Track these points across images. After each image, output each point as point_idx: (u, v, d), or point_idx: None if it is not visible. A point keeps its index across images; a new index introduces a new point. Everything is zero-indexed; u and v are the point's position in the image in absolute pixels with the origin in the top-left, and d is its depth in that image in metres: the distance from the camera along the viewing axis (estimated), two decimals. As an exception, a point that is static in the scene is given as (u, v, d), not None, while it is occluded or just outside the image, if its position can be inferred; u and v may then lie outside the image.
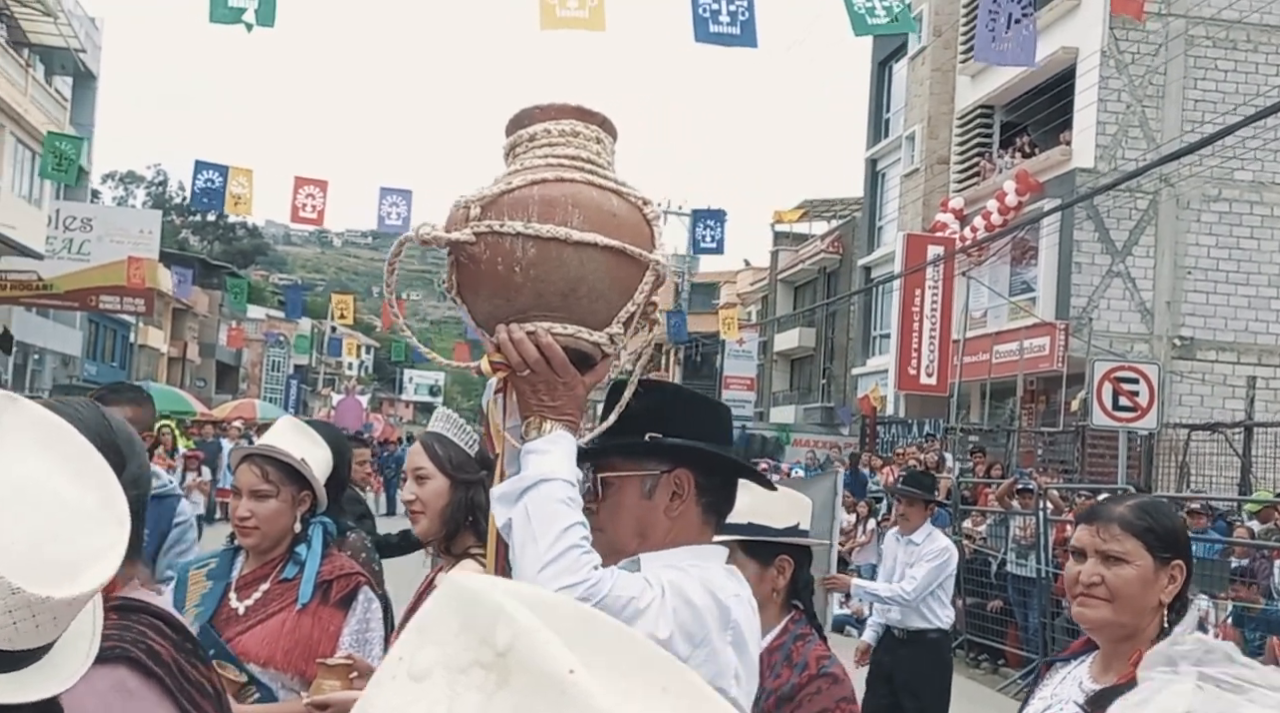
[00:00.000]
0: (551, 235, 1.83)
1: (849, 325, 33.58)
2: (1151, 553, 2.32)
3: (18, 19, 30.42)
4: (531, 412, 1.93)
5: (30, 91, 29.31)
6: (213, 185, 15.14)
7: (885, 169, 32.54)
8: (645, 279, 1.94)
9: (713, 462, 2.07)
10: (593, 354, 1.95)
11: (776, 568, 2.66)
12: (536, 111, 1.97)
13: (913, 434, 23.49)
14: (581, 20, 8.40)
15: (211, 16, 8.56)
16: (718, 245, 15.98)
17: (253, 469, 3.12)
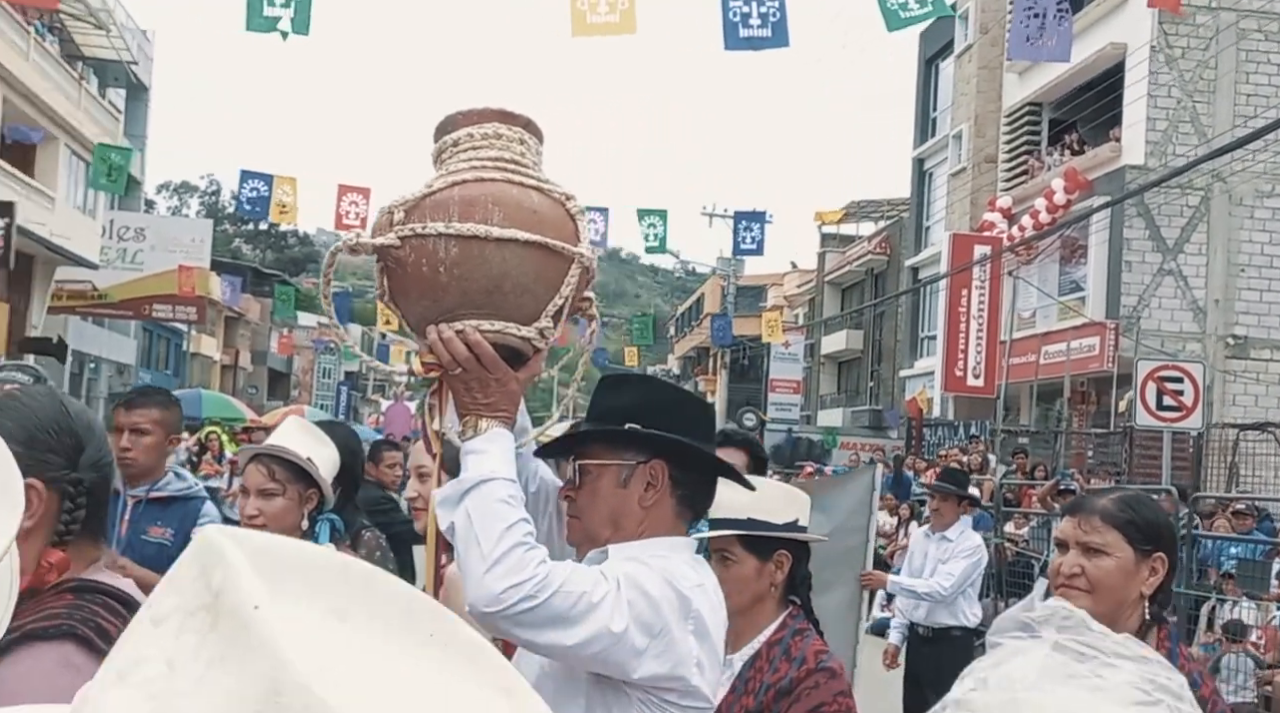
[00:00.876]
0: (472, 233, 1.85)
1: (896, 327, 33.36)
2: (1132, 545, 2.35)
3: (71, 33, 31.01)
4: (467, 411, 1.95)
5: (84, 104, 29.86)
6: (259, 194, 15.33)
7: (932, 168, 32.30)
8: (571, 272, 1.95)
9: (688, 456, 2.11)
10: (523, 349, 1.97)
11: (775, 563, 2.66)
12: (460, 117, 2.00)
13: (959, 436, 23.26)
14: (612, 25, 8.39)
15: (248, 25, 8.66)
16: (758, 247, 15.90)
17: (260, 469, 3.18)
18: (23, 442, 1.53)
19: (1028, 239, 23.09)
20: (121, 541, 3.97)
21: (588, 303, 2.12)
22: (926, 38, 32.33)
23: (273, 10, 8.69)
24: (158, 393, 4.40)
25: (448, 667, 0.68)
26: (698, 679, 1.95)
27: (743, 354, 41.42)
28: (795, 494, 2.84)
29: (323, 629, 0.65)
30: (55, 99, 27.84)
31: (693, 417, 2.16)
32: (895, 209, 37.96)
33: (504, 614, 1.82)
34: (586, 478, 2.08)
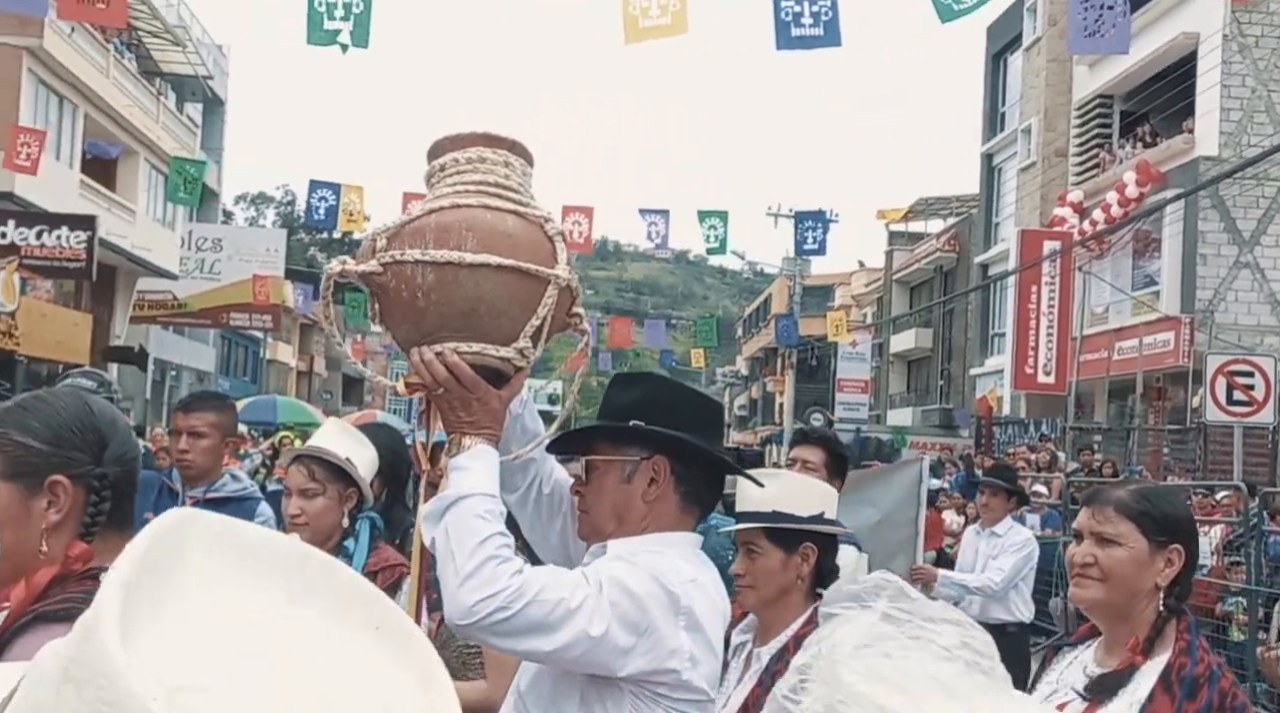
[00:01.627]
0: (446, 260, 1.92)
1: (966, 325, 32.98)
2: (1146, 536, 2.35)
3: (149, 50, 31.80)
4: (452, 429, 2.03)
5: (162, 119, 30.63)
6: (327, 203, 15.65)
7: (1002, 164, 31.89)
8: (547, 294, 2.01)
9: (690, 452, 2.16)
10: (503, 369, 2.04)
11: (800, 555, 2.69)
12: (446, 142, 2.07)
13: (1029, 435, 22.96)
14: (664, 28, 8.45)
15: (309, 39, 8.87)
16: (820, 247, 15.88)
17: (301, 469, 3.29)
18: (49, 440, 1.65)
19: (1098, 233, 22.72)
20: None
21: (577, 318, 2.17)
22: (993, 32, 31.95)
23: (333, 24, 8.90)
24: (214, 397, 4.55)
25: (380, 653, 0.75)
26: (690, 673, 2.01)
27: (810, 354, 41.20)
28: (821, 487, 2.86)
29: (275, 610, 0.73)
30: (134, 114, 28.60)
31: (698, 414, 2.22)
32: (964, 205, 37.52)
33: (478, 626, 1.90)
34: (593, 474, 2.16)
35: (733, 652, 2.73)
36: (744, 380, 68.69)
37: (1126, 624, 2.34)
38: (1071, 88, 27.32)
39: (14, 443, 1.65)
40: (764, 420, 56.83)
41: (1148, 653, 2.30)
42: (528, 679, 2.16)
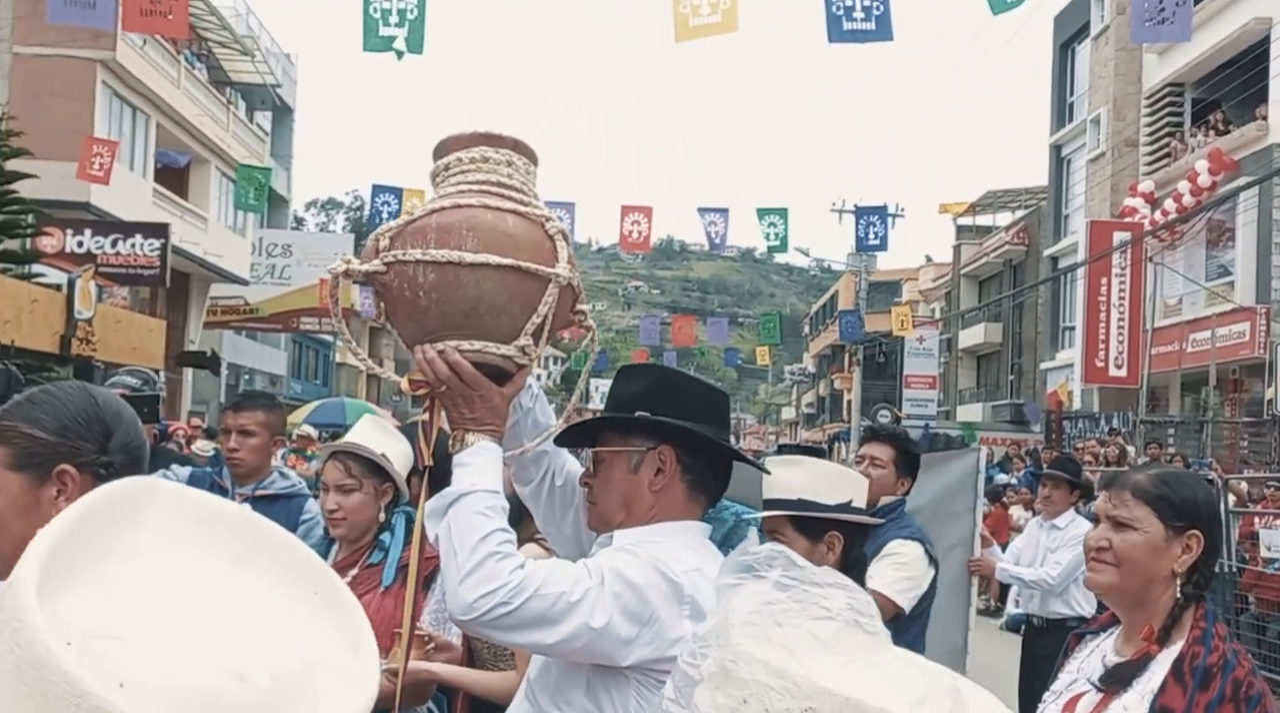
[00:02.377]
0: (447, 259, 1.95)
1: (1037, 319, 32.50)
2: (1163, 521, 2.31)
3: (219, 60, 32.42)
4: (456, 425, 2.06)
5: (232, 127, 31.20)
6: (390, 207, 15.85)
7: (1070, 155, 31.37)
8: (548, 292, 2.03)
9: (696, 441, 2.18)
10: (505, 367, 2.06)
11: (826, 544, 2.66)
12: (450, 142, 2.10)
13: (1100, 429, 22.57)
14: (715, 25, 8.47)
15: (365, 46, 9.03)
16: (881, 242, 15.75)
17: (338, 465, 3.35)
18: (55, 431, 1.73)
19: (1170, 223, 22.27)
20: None
21: (580, 316, 2.20)
22: (1061, 21, 31.44)
23: (388, 30, 9.04)
24: (262, 397, 4.65)
25: (316, 616, 0.80)
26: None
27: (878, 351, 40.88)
28: (850, 476, 2.82)
29: (220, 572, 0.78)
30: (205, 124, 29.18)
31: (703, 404, 2.23)
32: (1033, 198, 36.98)
33: (480, 621, 1.92)
34: (601, 465, 2.19)
35: None
36: (811, 378, 68.30)
37: (1143, 611, 2.31)
38: (1141, 76, 26.80)
39: (22, 435, 1.72)
40: (831, 418, 56.47)
41: (1164, 642, 2.26)
42: (536, 669, 2.19)
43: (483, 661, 3.29)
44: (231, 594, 0.78)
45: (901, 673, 0.89)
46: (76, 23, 9.83)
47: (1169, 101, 25.61)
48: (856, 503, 2.73)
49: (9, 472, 1.71)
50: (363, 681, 0.79)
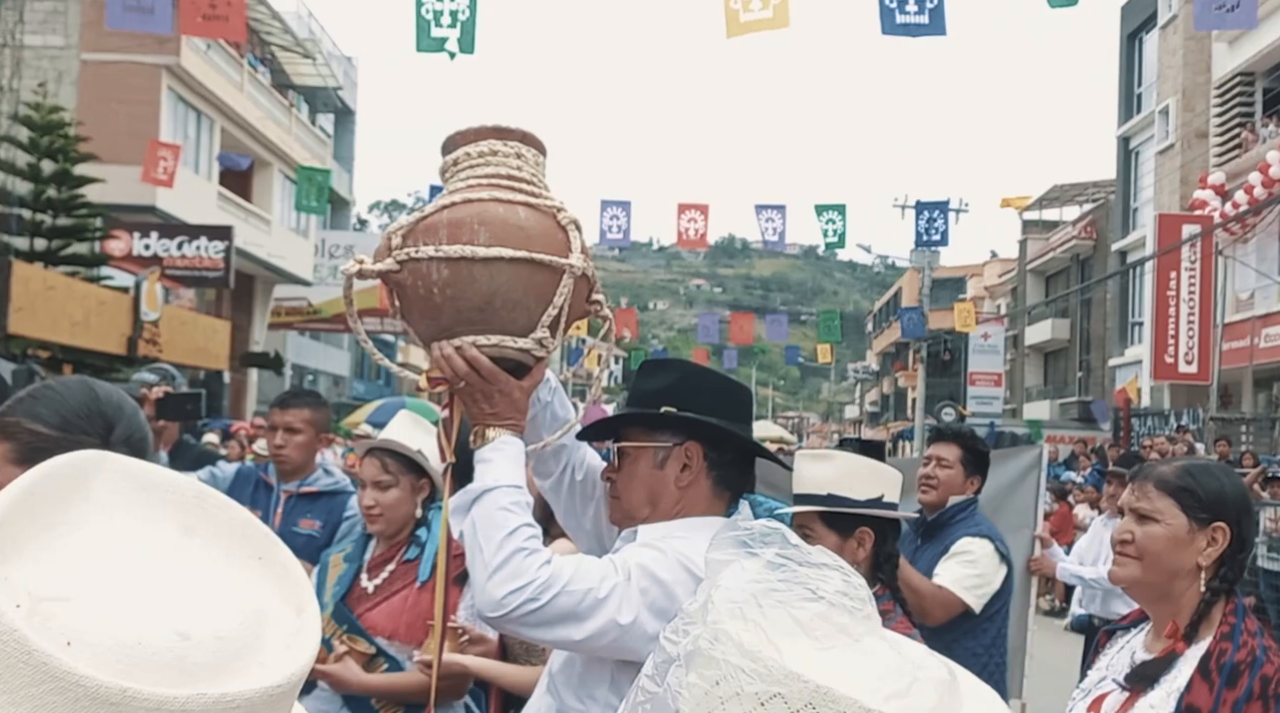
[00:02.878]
0: (459, 255, 1.92)
1: (1105, 314, 31.93)
2: (1187, 513, 2.25)
3: (281, 64, 32.86)
4: (476, 421, 2.04)
5: (294, 130, 31.61)
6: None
7: (1139, 147, 30.77)
8: (563, 283, 1.99)
9: (722, 437, 2.17)
10: (523, 360, 2.03)
11: (856, 540, 2.62)
12: (458, 136, 2.07)
13: (1169, 426, 22.10)
14: (766, 21, 8.36)
15: (418, 47, 9.03)
16: (942, 237, 15.53)
17: (374, 462, 3.36)
18: (57, 426, 1.73)
19: (1241, 215, 21.74)
20: (275, 531, 4.24)
21: (596, 306, 2.16)
22: (1128, 11, 30.85)
23: (440, 31, 9.04)
24: (308, 395, 4.70)
25: (261, 580, 0.83)
26: None
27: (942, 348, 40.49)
28: (882, 470, 2.75)
29: (168, 539, 0.81)
30: (268, 127, 29.58)
31: (727, 399, 2.21)
32: (1101, 191, 36.35)
33: (508, 618, 1.91)
34: (625, 460, 2.16)
35: None
36: (875, 376, 67.77)
37: (1168, 606, 2.24)
38: (1210, 66, 26.20)
39: (25, 430, 1.74)
40: (895, 416, 55.99)
41: (1191, 638, 2.19)
42: (559, 662, 2.17)
43: (515, 655, 3.28)
44: (178, 560, 0.81)
45: (885, 662, 0.84)
46: (135, 28, 9.95)
47: (1239, 91, 25.01)
48: (888, 498, 2.66)
49: (12, 466, 1.71)
50: (305, 639, 0.82)
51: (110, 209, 21.96)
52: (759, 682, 0.80)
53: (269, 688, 0.76)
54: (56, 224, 20.61)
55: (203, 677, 0.74)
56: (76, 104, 24.00)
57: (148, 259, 22.73)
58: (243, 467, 4.86)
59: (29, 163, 20.10)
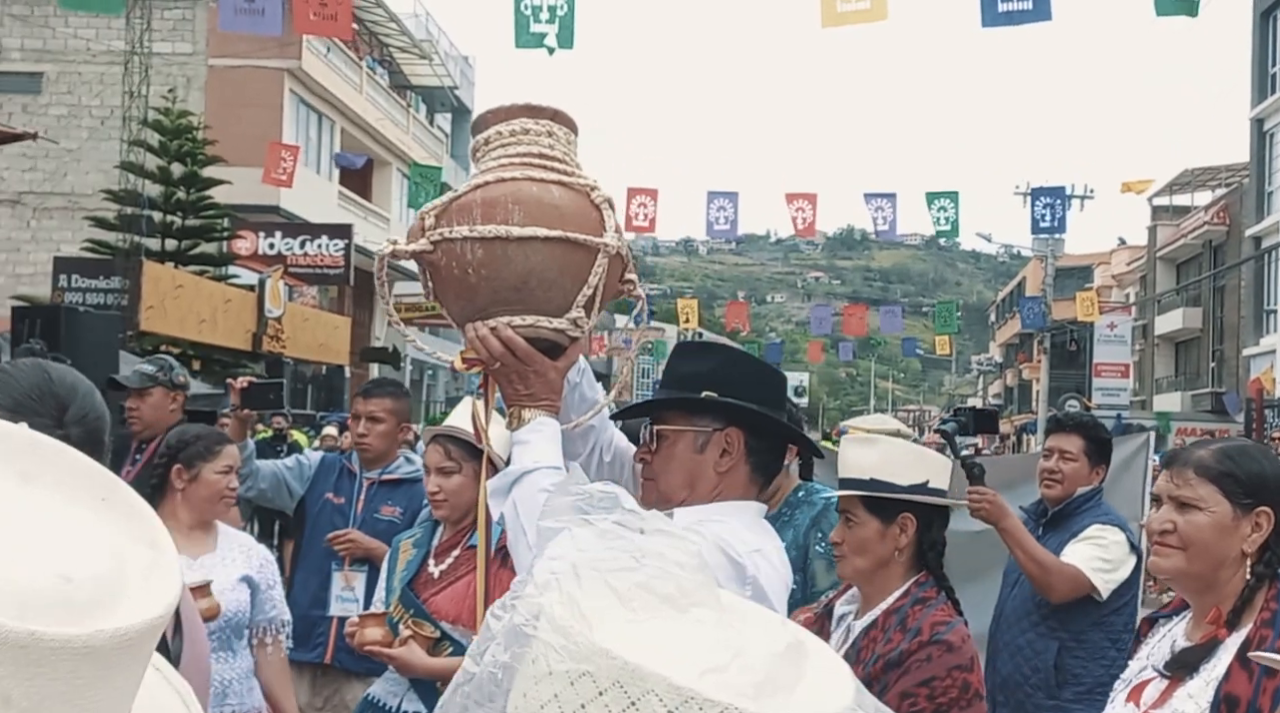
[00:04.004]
0: (494, 235, 1.90)
1: (1239, 303, 30.70)
2: (1230, 499, 2.14)
3: (400, 64, 33.55)
4: (512, 402, 2.03)
5: (412, 130, 32.25)
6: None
7: (1273, 129, 29.49)
8: (597, 262, 1.97)
9: (762, 424, 2.16)
10: (558, 340, 2.01)
11: (899, 526, 2.53)
12: (489, 115, 2.06)
13: (1307, 419, 21.16)
14: (863, 13, 8.23)
15: (516, 43, 9.15)
16: (1059, 224, 15.11)
17: (438, 448, 3.41)
18: (10, 408, 1.74)
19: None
20: (357, 518, 4.38)
21: (630, 285, 2.14)
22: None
23: (539, 27, 9.13)
24: (391, 385, 4.80)
25: (112, 520, 0.83)
26: None
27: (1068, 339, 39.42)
28: (928, 456, 2.68)
29: (7, 487, 0.82)
30: (386, 127, 30.24)
31: (764, 385, 2.20)
32: (1234, 175, 34.93)
33: None
34: (663, 443, 2.14)
35: (836, 622, 2.63)
36: (998, 368, 66.33)
37: (1212, 595, 2.13)
38: (1353, 40, 24.96)
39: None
40: (1020, 409, 54.70)
41: (1233, 625, 2.08)
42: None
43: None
44: (26, 506, 0.81)
45: (709, 635, 0.79)
46: (246, 30, 10.29)
47: (1384, 66, 23.78)
48: (934, 484, 2.58)
49: None
50: (166, 572, 0.83)
51: (236, 210, 22.70)
52: (568, 660, 0.76)
53: (152, 620, 0.77)
54: (185, 225, 21.38)
55: (91, 615, 0.75)
56: (204, 109, 24.86)
57: (272, 258, 23.41)
58: (327, 455, 5.00)
59: (159, 166, 20.89)
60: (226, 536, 3.54)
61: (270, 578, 3.54)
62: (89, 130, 25.30)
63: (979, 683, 2.38)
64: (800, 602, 3.07)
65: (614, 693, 0.75)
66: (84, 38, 25.21)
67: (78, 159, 25.12)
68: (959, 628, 2.42)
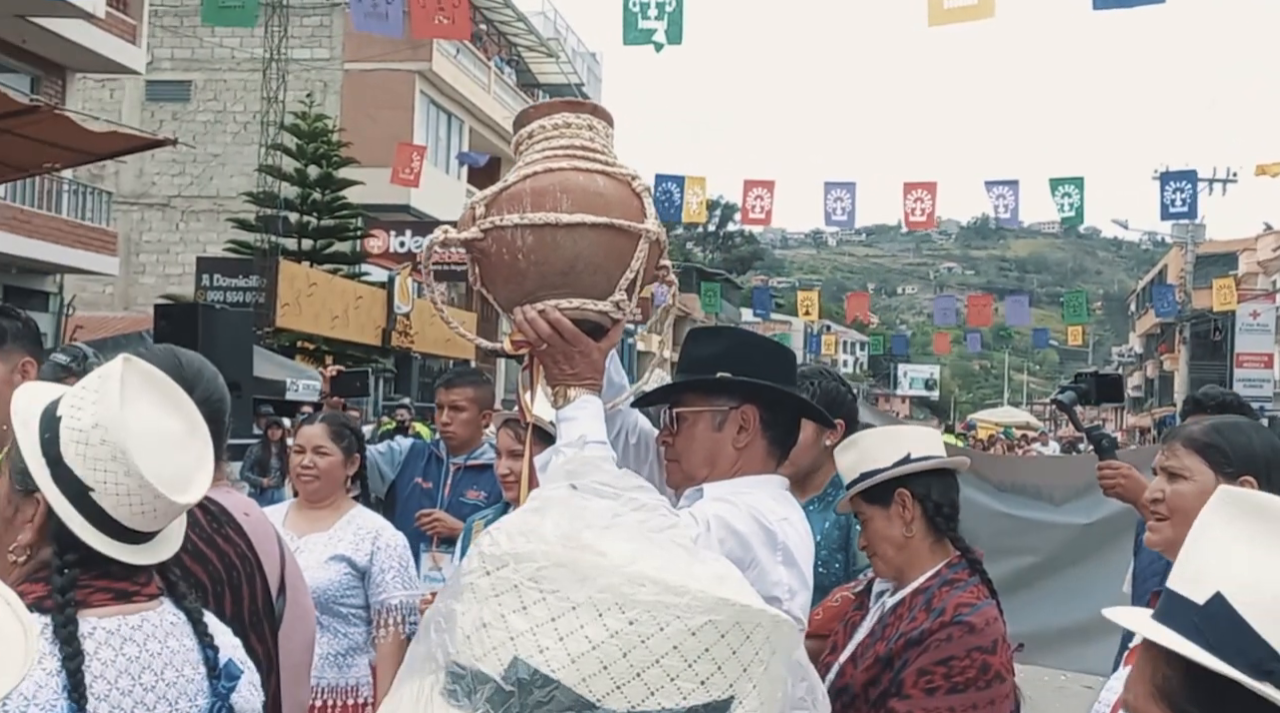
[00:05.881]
0: (544, 222, 2.03)
1: (1395, 289, 29.19)
2: (1215, 469, 2.24)
3: (527, 63, 34.13)
4: (557, 382, 2.15)
5: (538, 128, 32.79)
6: (671, 196, 16.25)
7: None
8: (639, 247, 2.09)
9: (777, 399, 2.25)
10: (602, 322, 2.13)
11: (898, 504, 2.54)
12: (532, 111, 2.19)
13: None
14: (970, 10, 8.19)
15: (625, 40, 9.33)
16: (1189, 209, 14.66)
17: (509, 432, 3.57)
18: None
19: None
20: (444, 500, 4.58)
21: (664, 271, 2.26)
22: None
23: (647, 23, 9.29)
24: (472, 374, 5.00)
25: None
26: (789, 603, 2.10)
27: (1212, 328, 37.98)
28: (905, 433, 2.70)
29: None
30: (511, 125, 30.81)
31: (775, 363, 2.30)
32: (1391, 155, 33.16)
33: None
34: (683, 424, 2.24)
35: (874, 599, 2.69)
36: (1138, 359, 64.17)
37: None
38: None
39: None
40: (1161, 401, 52.87)
41: None
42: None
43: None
44: None
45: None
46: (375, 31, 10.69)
47: None
48: (916, 454, 2.58)
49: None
50: None
51: (369, 209, 23.44)
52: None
53: None
54: (320, 225, 22.18)
55: None
56: (340, 111, 25.72)
57: (402, 256, 24.10)
58: (416, 442, 5.23)
59: (296, 169, 21.71)
60: (349, 519, 3.71)
61: (385, 563, 3.64)
62: (233, 135, 26.42)
63: (1001, 665, 2.37)
64: (842, 579, 3.09)
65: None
66: (228, 46, 26.34)
67: (222, 163, 26.26)
68: (985, 610, 2.41)
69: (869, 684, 2.42)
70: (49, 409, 1.69)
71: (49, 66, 18.55)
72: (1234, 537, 1.05)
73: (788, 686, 0.93)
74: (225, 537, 2.17)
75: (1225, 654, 1.00)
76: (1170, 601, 1.08)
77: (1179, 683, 1.05)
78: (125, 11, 18.78)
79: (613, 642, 0.85)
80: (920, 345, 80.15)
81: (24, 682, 1.44)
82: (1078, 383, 4.12)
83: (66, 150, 13.14)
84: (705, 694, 0.87)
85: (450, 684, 0.89)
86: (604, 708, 0.82)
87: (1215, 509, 1.09)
